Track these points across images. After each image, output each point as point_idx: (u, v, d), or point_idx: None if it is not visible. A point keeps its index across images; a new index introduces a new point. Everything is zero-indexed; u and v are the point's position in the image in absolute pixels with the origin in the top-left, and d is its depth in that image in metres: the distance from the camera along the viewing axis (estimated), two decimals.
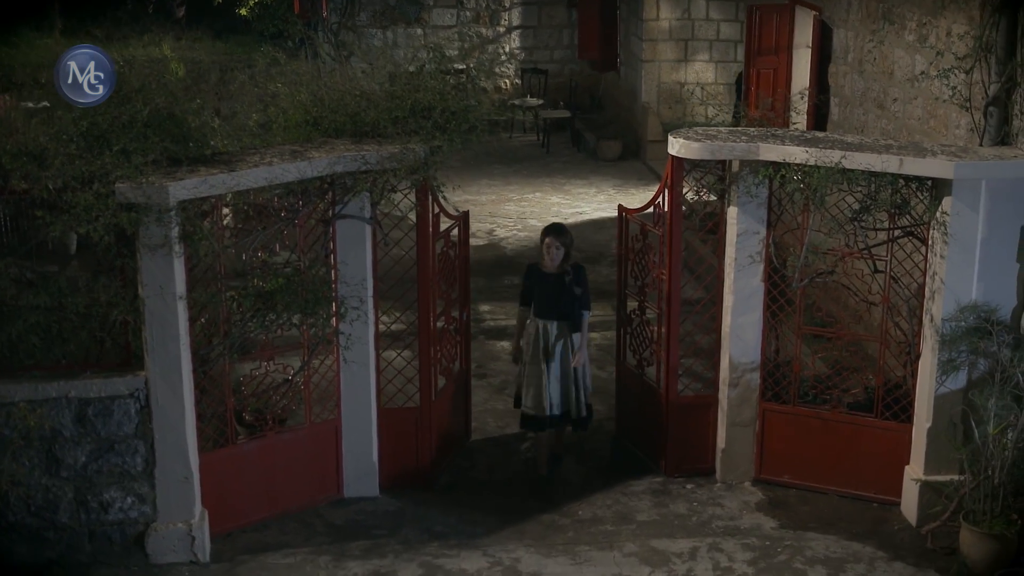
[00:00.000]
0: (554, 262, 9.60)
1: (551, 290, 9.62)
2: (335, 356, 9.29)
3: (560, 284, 9.58)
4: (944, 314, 8.81)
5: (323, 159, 8.71)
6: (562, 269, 9.60)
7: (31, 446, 8.46)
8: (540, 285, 9.70)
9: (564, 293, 9.55)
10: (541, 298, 9.69)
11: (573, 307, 9.59)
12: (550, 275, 9.66)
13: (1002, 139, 9.09)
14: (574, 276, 9.62)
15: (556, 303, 9.58)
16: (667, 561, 8.86)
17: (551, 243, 9.58)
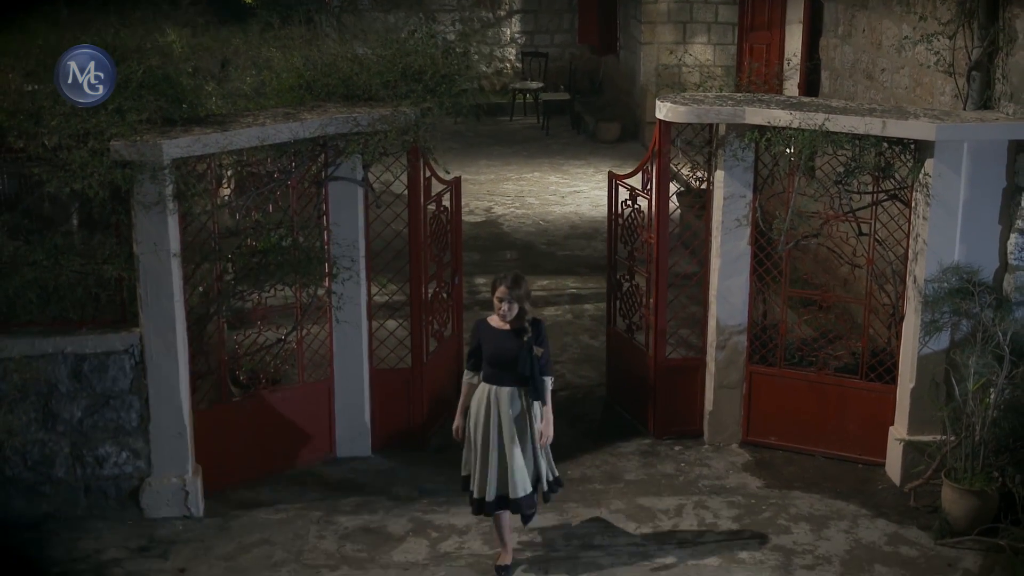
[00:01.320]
0: (507, 317, 8.13)
1: (505, 351, 8.13)
2: (327, 316, 9.43)
3: (516, 343, 8.11)
4: (927, 275, 8.93)
5: (315, 120, 8.86)
6: (518, 325, 8.14)
7: (27, 401, 8.61)
8: (491, 344, 8.19)
9: (521, 354, 8.08)
10: (493, 360, 8.17)
11: (532, 370, 8.10)
12: (503, 332, 8.19)
13: (985, 103, 9.22)
14: (534, 334, 8.13)
15: (511, 366, 8.11)
16: (653, 517, 9.00)
17: (503, 296, 8.06)
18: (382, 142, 8.99)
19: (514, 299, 8.06)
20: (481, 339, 8.28)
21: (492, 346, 8.18)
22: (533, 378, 8.14)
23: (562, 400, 10.99)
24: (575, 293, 13.68)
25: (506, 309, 8.08)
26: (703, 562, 8.42)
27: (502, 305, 8.10)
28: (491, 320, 8.28)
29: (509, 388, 8.15)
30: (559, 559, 8.45)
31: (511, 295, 8.06)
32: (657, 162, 9.65)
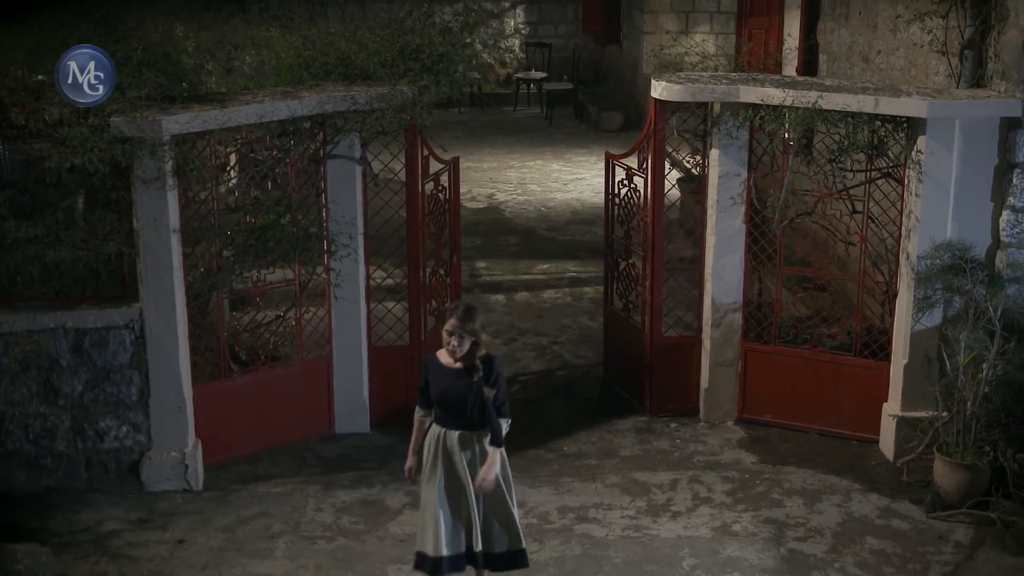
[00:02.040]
0: (456, 354, 7.38)
1: (453, 391, 7.43)
2: (326, 294, 9.53)
3: (466, 383, 7.40)
4: (919, 252, 9.01)
5: (313, 99, 8.96)
6: (469, 363, 7.41)
7: (29, 375, 8.72)
8: (439, 384, 7.49)
9: (472, 395, 7.39)
10: (440, 401, 7.50)
11: (485, 413, 7.42)
12: (451, 371, 7.45)
13: (977, 82, 9.29)
14: (486, 373, 7.41)
15: (461, 408, 7.42)
16: (647, 491, 9.09)
17: (453, 330, 7.31)
18: (380, 120, 9.08)
19: (465, 333, 7.31)
20: (429, 377, 7.58)
21: (439, 386, 7.47)
22: (485, 421, 7.44)
23: (560, 379, 11.13)
24: (575, 276, 13.77)
25: (455, 344, 7.31)
26: (696, 534, 8.51)
27: (451, 340, 7.32)
28: (440, 355, 7.55)
29: (460, 432, 7.46)
30: (553, 531, 8.55)
31: (462, 329, 7.31)
32: (653, 141, 9.73)
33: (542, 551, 8.28)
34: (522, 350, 11.76)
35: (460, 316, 7.38)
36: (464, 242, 14.05)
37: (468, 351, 7.39)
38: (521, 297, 13.19)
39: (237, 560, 8.19)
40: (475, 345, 7.43)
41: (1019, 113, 8.73)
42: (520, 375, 11.17)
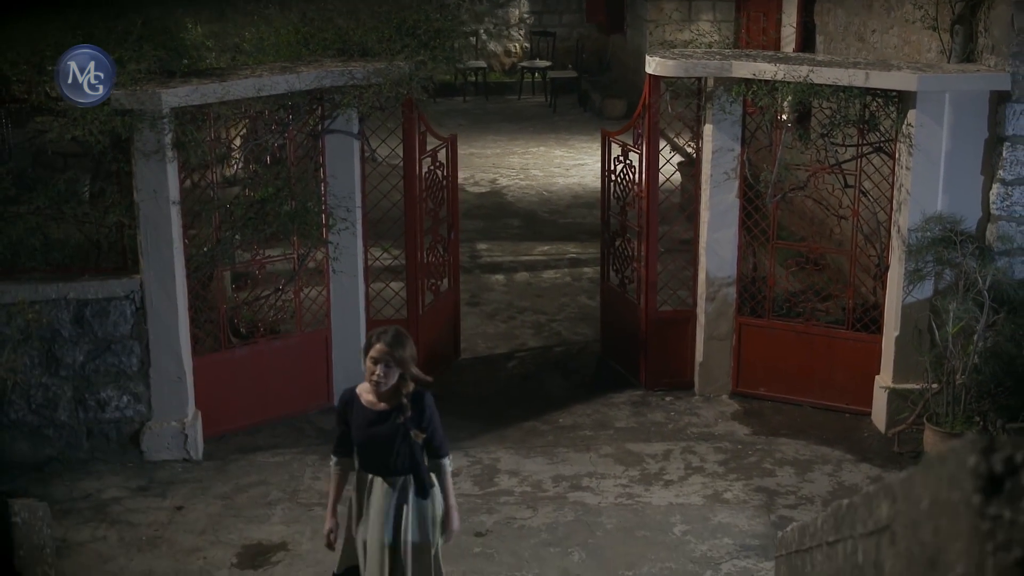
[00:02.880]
0: (381, 387, 6.34)
1: (376, 437, 6.49)
2: (325, 267, 9.65)
3: (389, 428, 6.43)
4: (910, 225, 9.11)
5: (311, 73, 9.08)
6: (394, 403, 6.41)
7: (31, 345, 8.85)
8: (360, 429, 6.53)
9: (399, 438, 6.43)
10: (362, 448, 6.58)
11: (414, 459, 6.48)
12: (374, 413, 6.47)
13: (968, 56, 9.38)
14: (415, 412, 6.42)
15: (387, 452, 6.48)
16: (641, 461, 9.21)
17: (380, 357, 6.28)
18: (377, 95, 9.20)
19: (394, 362, 6.28)
20: (348, 418, 6.62)
21: (361, 432, 6.53)
22: (416, 468, 6.52)
23: (557, 355, 11.24)
24: (575, 258, 13.88)
25: (381, 374, 6.27)
26: (687, 501, 8.62)
27: (376, 369, 6.29)
28: (361, 392, 6.56)
29: (394, 479, 6.56)
30: (547, 498, 8.66)
31: (391, 356, 6.28)
32: (647, 116, 9.84)
33: (535, 517, 8.40)
34: (520, 327, 11.87)
35: (389, 341, 6.32)
36: (466, 225, 14.22)
37: (394, 387, 6.37)
38: (521, 277, 13.30)
39: (235, 525, 8.32)
40: (403, 380, 6.37)
41: (1008, 86, 8.83)
42: (518, 351, 11.30)
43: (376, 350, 6.31)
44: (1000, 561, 1.78)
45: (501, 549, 8.01)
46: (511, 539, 8.13)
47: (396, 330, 6.46)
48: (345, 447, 6.72)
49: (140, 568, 7.83)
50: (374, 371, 6.31)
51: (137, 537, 8.17)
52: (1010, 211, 9.06)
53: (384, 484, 6.59)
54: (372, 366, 6.33)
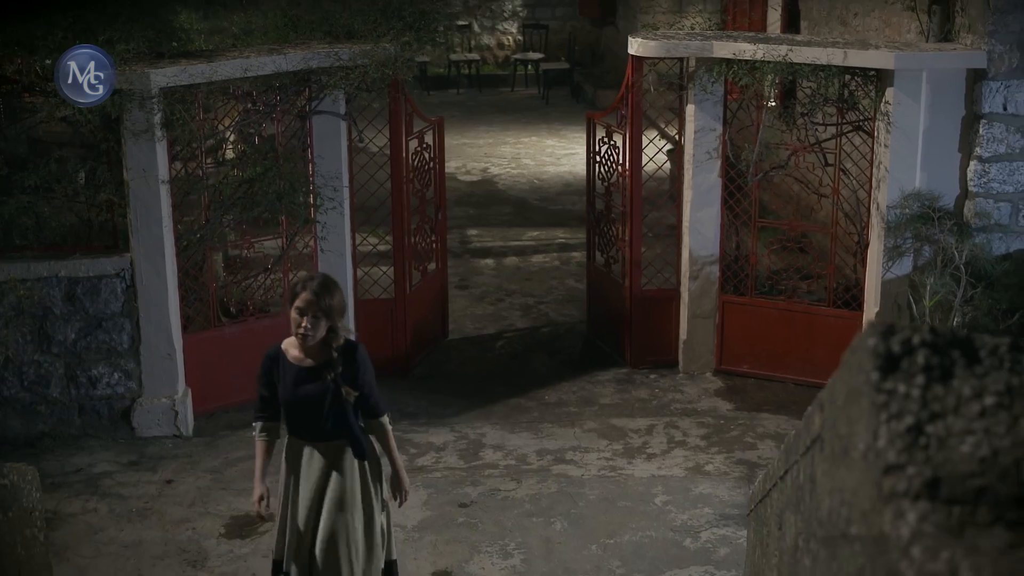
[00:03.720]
0: (308, 341, 5.93)
1: (304, 396, 6.05)
2: (314, 246, 9.79)
3: (319, 386, 6.00)
4: (889, 202, 9.24)
5: (298, 54, 9.22)
6: (323, 358, 6.00)
7: (24, 323, 8.99)
8: (287, 387, 6.10)
9: (329, 397, 6.00)
10: (290, 409, 6.14)
11: (347, 420, 6.07)
12: (302, 370, 6.06)
13: (945, 36, 9.52)
14: (346, 369, 6.00)
15: (317, 414, 6.03)
16: (624, 435, 9.35)
17: (306, 307, 5.87)
18: (363, 76, 9.34)
19: (320, 312, 5.86)
20: (273, 377, 6.17)
21: (288, 391, 6.07)
22: (349, 431, 6.08)
23: (544, 336, 11.38)
24: (564, 243, 14.02)
25: (307, 326, 5.85)
26: (669, 473, 8.76)
27: (303, 321, 5.87)
28: (287, 348, 6.12)
29: (317, 444, 6.13)
30: (531, 471, 8.80)
31: (317, 306, 5.86)
32: (630, 97, 9.98)
33: (519, 489, 8.54)
34: (508, 309, 12.01)
35: (315, 289, 5.87)
36: (457, 212, 14.39)
37: (323, 340, 5.95)
38: (510, 261, 13.44)
39: (223, 498, 8.46)
40: (332, 332, 5.96)
41: (984, 65, 8.96)
42: (505, 332, 11.44)
43: (301, 299, 5.87)
44: (892, 429, 1.93)
45: (485, 519, 8.15)
46: (495, 510, 8.26)
47: (323, 277, 6.05)
48: (269, 411, 6.25)
49: (130, 538, 7.97)
50: (300, 323, 5.86)
51: (127, 509, 8.31)
52: (987, 188, 9.19)
53: (316, 452, 6.12)
54: (298, 317, 5.87)
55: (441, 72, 23.46)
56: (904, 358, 2.05)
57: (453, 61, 23.41)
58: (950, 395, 1.99)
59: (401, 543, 7.80)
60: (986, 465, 1.87)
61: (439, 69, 23.52)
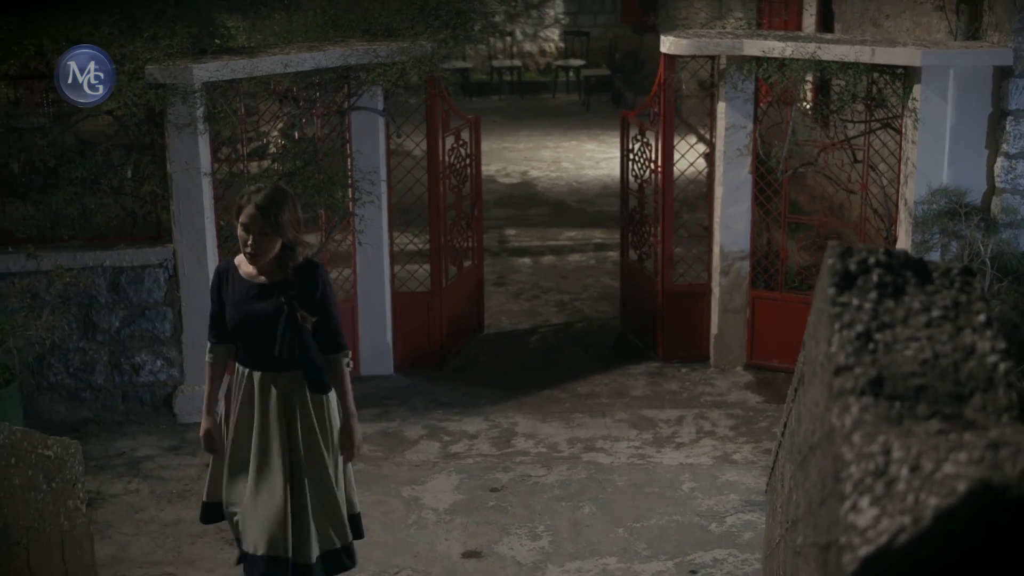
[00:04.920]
0: (257, 260, 5.37)
1: (255, 316, 5.47)
2: (351, 239, 10.03)
3: (271, 306, 5.42)
4: (916, 198, 9.38)
5: (337, 51, 9.47)
6: (277, 276, 5.45)
7: (70, 311, 9.27)
8: (236, 306, 5.55)
9: (283, 321, 5.38)
10: (239, 331, 5.58)
11: (304, 349, 5.43)
12: (254, 287, 5.50)
13: (973, 34, 9.66)
14: (303, 289, 5.43)
15: (269, 338, 5.42)
16: (654, 425, 9.52)
17: (248, 222, 5.32)
18: (401, 73, 9.57)
19: (269, 229, 5.27)
20: (223, 295, 5.60)
21: (237, 309, 5.49)
22: (306, 360, 5.43)
23: (578, 331, 11.56)
24: (600, 243, 14.20)
25: (254, 244, 5.29)
26: (697, 462, 8.93)
27: (248, 239, 5.29)
28: (241, 262, 5.56)
29: (277, 374, 5.53)
30: (562, 459, 8.99)
31: (264, 222, 5.27)
32: (662, 94, 10.17)
33: (549, 475, 8.73)
34: (544, 305, 12.20)
35: (261, 202, 5.28)
36: (496, 213, 14.61)
37: (278, 258, 5.37)
38: (547, 260, 13.64)
39: None
40: (289, 250, 5.38)
41: (1011, 62, 9.09)
42: (540, 327, 11.63)
43: (245, 215, 5.28)
44: (844, 336, 2.12)
45: (515, 503, 8.34)
46: (525, 494, 8.45)
47: (272, 187, 5.40)
48: (221, 330, 5.68)
49: (170, 518, 8.21)
50: (246, 241, 5.29)
51: (168, 490, 8.56)
52: (1014, 184, 9.31)
53: (267, 383, 5.49)
54: (243, 235, 5.30)
55: (483, 78, 23.72)
56: (860, 276, 2.24)
57: (495, 67, 23.67)
58: (900, 308, 2.18)
59: (432, 525, 8.03)
60: (927, 367, 2.05)
61: (481, 75, 23.78)
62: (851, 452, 1.90)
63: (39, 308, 9.08)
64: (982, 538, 1.66)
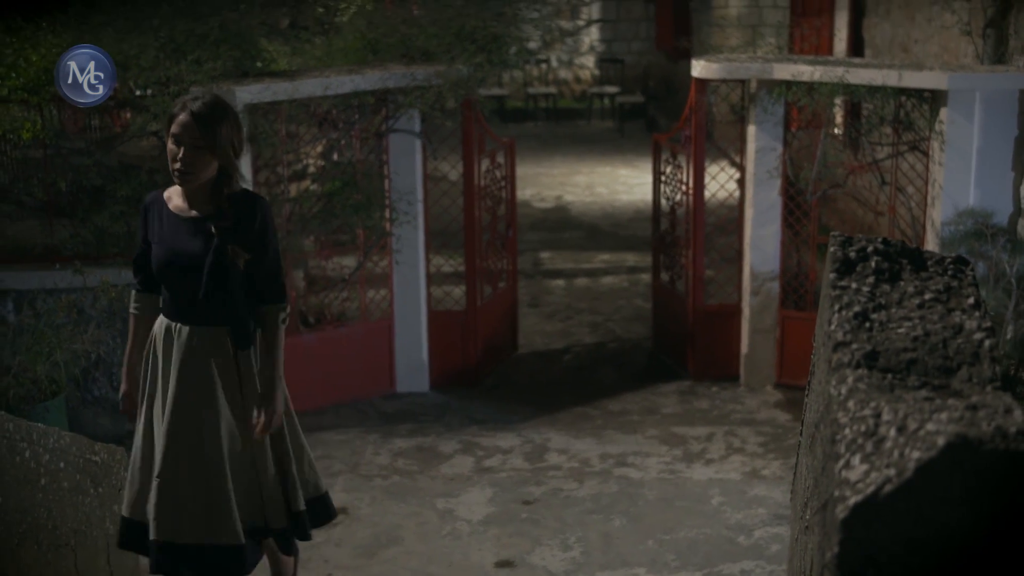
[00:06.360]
0: (187, 181, 4.64)
1: (185, 251, 4.73)
2: (388, 259, 10.25)
3: (202, 243, 4.71)
4: (943, 219, 9.54)
5: (375, 74, 9.72)
6: (209, 208, 4.71)
7: (114, 325, 9.51)
8: (163, 242, 4.79)
9: (212, 261, 4.66)
10: (164, 270, 4.80)
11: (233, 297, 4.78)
12: (184, 221, 4.75)
13: (999, 59, 9.83)
14: (239, 222, 4.70)
15: (195, 284, 4.72)
16: (684, 442, 9.69)
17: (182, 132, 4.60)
18: (438, 96, 9.81)
19: (204, 143, 4.57)
20: (148, 233, 4.83)
21: (163, 247, 4.74)
22: (232, 311, 4.78)
23: (611, 350, 11.74)
24: (633, 266, 14.38)
25: (184, 161, 4.59)
26: (726, 477, 9.08)
27: (179, 152, 4.59)
28: (170, 195, 4.83)
29: (205, 328, 4.80)
30: (593, 473, 9.16)
31: (199, 132, 4.55)
32: (693, 118, 10.37)
33: (581, 489, 8.89)
34: (577, 326, 12.40)
35: (198, 110, 4.57)
36: (529, 236, 14.82)
37: (211, 187, 4.63)
38: (580, 282, 13.84)
39: None
40: (225, 177, 4.65)
41: None
42: (573, 347, 11.82)
43: (177, 124, 4.60)
44: (843, 315, 2.31)
45: (547, 516, 8.51)
46: (557, 507, 8.62)
47: (211, 96, 4.76)
48: (147, 275, 4.97)
49: None
50: (176, 155, 4.58)
51: None
52: None
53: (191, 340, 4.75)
54: (174, 148, 4.59)
55: (519, 105, 23.98)
56: (859, 263, 2.43)
57: (531, 94, 23.94)
58: (895, 291, 2.37)
59: (466, 535, 8.21)
60: (919, 343, 2.24)
61: (517, 102, 24.04)
62: (846, 417, 2.09)
63: (85, 323, 9.32)
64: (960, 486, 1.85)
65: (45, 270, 9.46)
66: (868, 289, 2.34)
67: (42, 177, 9.66)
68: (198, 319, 4.75)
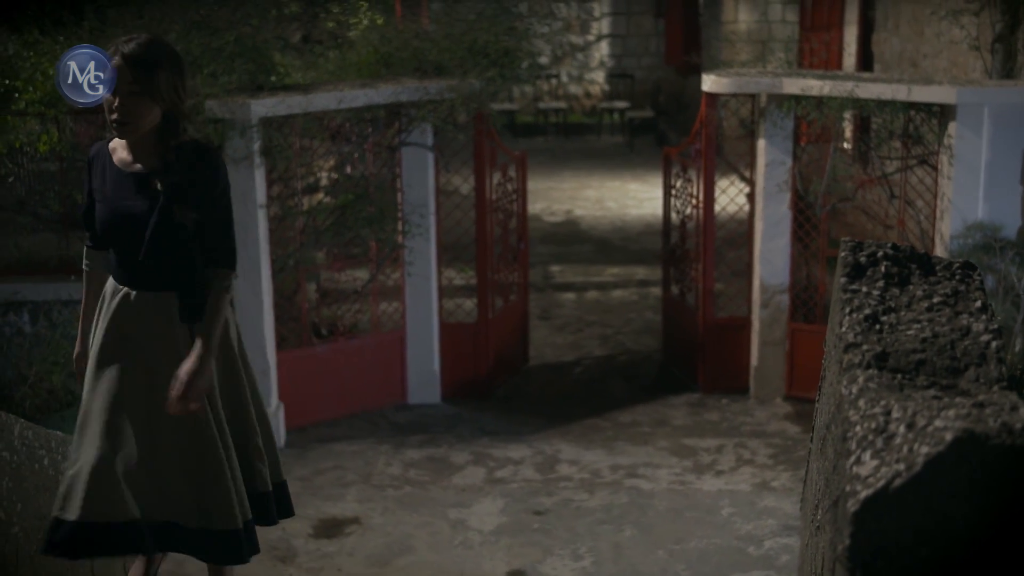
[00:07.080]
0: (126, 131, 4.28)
1: (128, 209, 4.32)
2: (400, 271, 10.33)
3: (147, 197, 4.29)
4: (952, 232, 9.61)
5: (388, 88, 9.81)
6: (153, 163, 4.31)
7: None
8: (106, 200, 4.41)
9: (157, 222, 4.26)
10: (109, 225, 4.41)
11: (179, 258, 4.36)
12: (126, 176, 4.35)
13: (1008, 74, 9.90)
14: (183, 177, 4.26)
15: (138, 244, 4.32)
16: (695, 453, 9.75)
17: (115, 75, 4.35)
18: (451, 109, 9.90)
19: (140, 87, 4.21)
20: (92, 184, 4.48)
21: (106, 204, 4.37)
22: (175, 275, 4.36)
23: (621, 363, 11.81)
24: (643, 279, 14.44)
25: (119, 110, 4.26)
26: (736, 488, 9.14)
27: (115, 101, 4.29)
28: (115, 147, 4.45)
29: (150, 293, 4.37)
30: (604, 484, 9.22)
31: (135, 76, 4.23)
32: (704, 132, 10.45)
33: (592, 500, 8.96)
34: (587, 339, 12.47)
35: (131, 51, 4.25)
36: (541, 249, 14.90)
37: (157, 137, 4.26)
38: (591, 295, 13.91)
39: (311, 502, 8.96)
40: (170, 125, 4.25)
41: None
42: (584, 359, 11.90)
43: (111, 68, 4.31)
44: (853, 318, 2.38)
45: (558, 526, 8.57)
46: (568, 518, 8.68)
47: (148, 37, 4.34)
48: (95, 235, 4.58)
49: None
50: (112, 103, 4.26)
51: None
52: None
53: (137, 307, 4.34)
54: (109, 97, 4.29)
55: (530, 120, 24.08)
56: (870, 267, 2.50)
57: (541, 109, 24.04)
58: (904, 295, 2.44)
59: (478, 545, 8.27)
60: (927, 344, 2.31)
61: (528, 117, 24.14)
62: (856, 415, 2.16)
63: None
64: (967, 480, 1.92)
65: (61, 282, 9.54)
66: (878, 292, 2.41)
67: (58, 190, 9.77)
68: (143, 283, 4.32)
